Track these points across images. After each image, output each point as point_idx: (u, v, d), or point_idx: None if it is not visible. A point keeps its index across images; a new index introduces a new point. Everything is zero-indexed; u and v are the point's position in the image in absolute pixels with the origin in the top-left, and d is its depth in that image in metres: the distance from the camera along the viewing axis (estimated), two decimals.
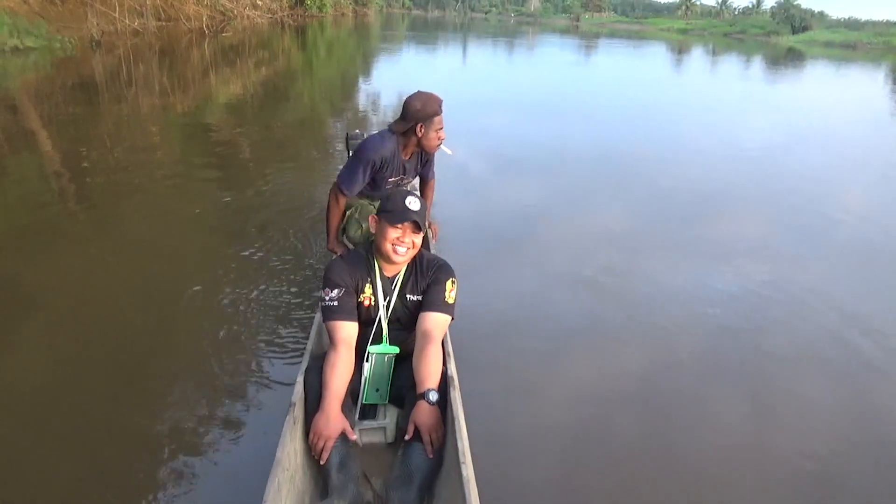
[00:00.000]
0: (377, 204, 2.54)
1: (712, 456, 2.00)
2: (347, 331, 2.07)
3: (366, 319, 2.18)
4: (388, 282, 2.20)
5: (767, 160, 5.61)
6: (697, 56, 26.26)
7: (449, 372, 2.06)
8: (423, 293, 2.19)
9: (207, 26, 19.88)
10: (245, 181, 4.59)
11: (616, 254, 3.18)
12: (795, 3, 76.98)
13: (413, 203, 2.11)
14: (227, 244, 3.46)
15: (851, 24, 70.77)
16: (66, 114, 6.73)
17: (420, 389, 1.95)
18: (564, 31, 55.56)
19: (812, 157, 6.06)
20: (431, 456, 1.89)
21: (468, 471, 1.64)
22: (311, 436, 1.87)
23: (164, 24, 19.05)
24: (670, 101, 9.98)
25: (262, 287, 3.04)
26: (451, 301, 2.17)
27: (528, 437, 2.11)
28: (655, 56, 24.52)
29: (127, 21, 17.03)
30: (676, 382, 2.28)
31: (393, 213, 2.10)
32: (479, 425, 2.04)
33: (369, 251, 2.23)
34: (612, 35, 49.81)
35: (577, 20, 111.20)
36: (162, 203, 4.13)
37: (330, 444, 1.83)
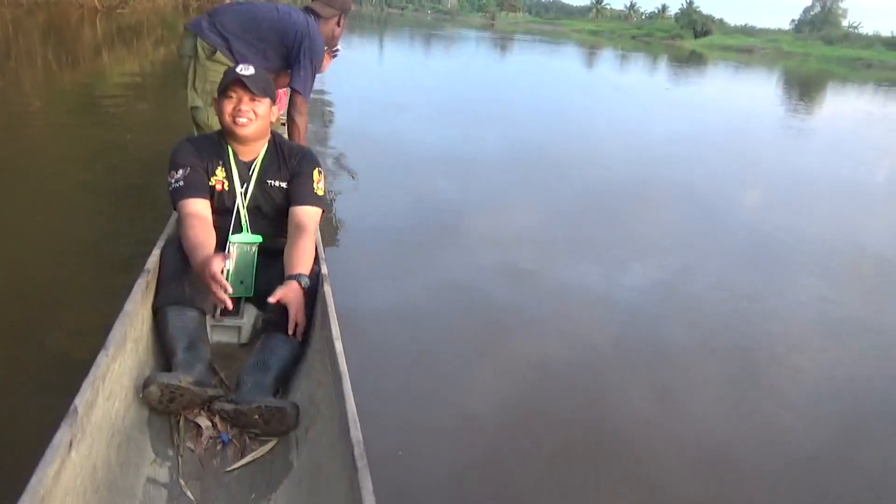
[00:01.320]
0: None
1: (624, 438, 2.05)
2: (196, 206, 1.95)
3: (221, 207, 2.05)
4: (245, 167, 2.08)
5: (676, 158, 5.89)
6: (607, 57, 27.13)
7: (322, 271, 2.02)
8: (289, 183, 2.09)
9: (101, 4, 18.29)
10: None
11: (531, 248, 3.25)
12: (697, 9, 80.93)
13: (245, 69, 1.99)
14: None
15: (748, 31, 75.43)
16: None
17: (291, 273, 1.87)
18: (481, 29, 56.24)
19: (716, 154, 6.42)
20: (294, 336, 1.82)
21: (342, 363, 1.53)
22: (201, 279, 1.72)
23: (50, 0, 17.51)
24: (584, 100, 10.40)
25: None
26: (320, 193, 2.12)
27: (449, 427, 2.03)
28: (568, 56, 25.14)
29: None
30: (590, 368, 2.35)
31: (223, 82, 2.01)
32: (398, 414, 2.03)
33: (221, 135, 2.11)
34: (528, 33, 50.81)
35: (493, 19, 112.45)
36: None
37: (218, 289, 1.67)
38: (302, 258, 1.93)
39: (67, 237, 2.97)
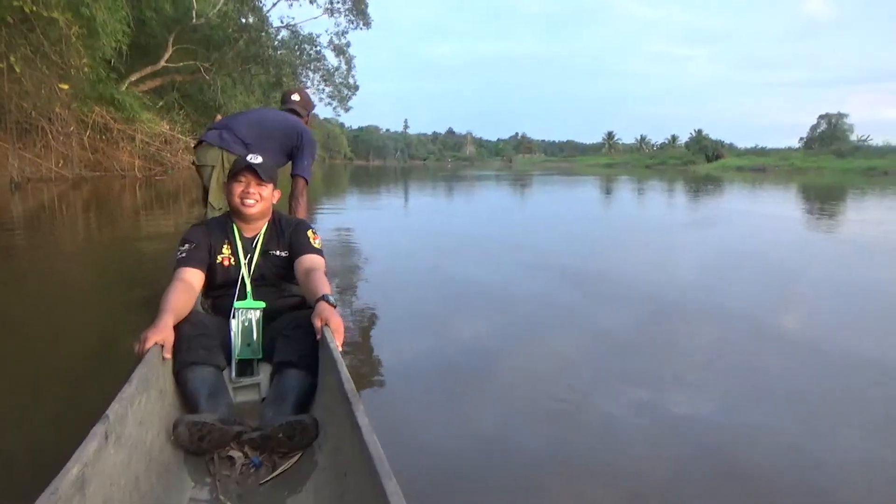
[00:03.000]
0: None
1: None
2: (188, 274, 2.28)
3: (228, 279, 2.39)
4: (249, 241, 2.45)
5: (710, 282, 5.70)
6: (625, 184, 27.93)
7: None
8: (289, 247, 2.46)
9: (142, 173, 20.27)
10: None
11: (573, 384, 3.05)
12: (706, 135, 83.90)
13: (254, 158, 2.43)
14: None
15: (759, 152, 77.60)
16: None
17: (315, 296, 2.14)
18: (499, 170, 58.29)
19: (760, 272, 6.23)
20: (320, 333, 2.00)
21: (347, 380, 1.66)
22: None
23: (95, 173, 19.28)
24: (609, 228, 10.53)
25: None
26: (318, 246, 2.47)
27: None
28: (586, 186, 25.82)
29: (53, 167, 17.16)
30: None
31: (233, 168, 2.46)
32: None
33: (228, 217, 2.52)
34: (544, 171, 52.54)
35: (510, 161, 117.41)
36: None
37: (147, 343, 1.83)
38: (321, 285, 2.20)
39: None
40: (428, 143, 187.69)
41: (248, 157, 2.44)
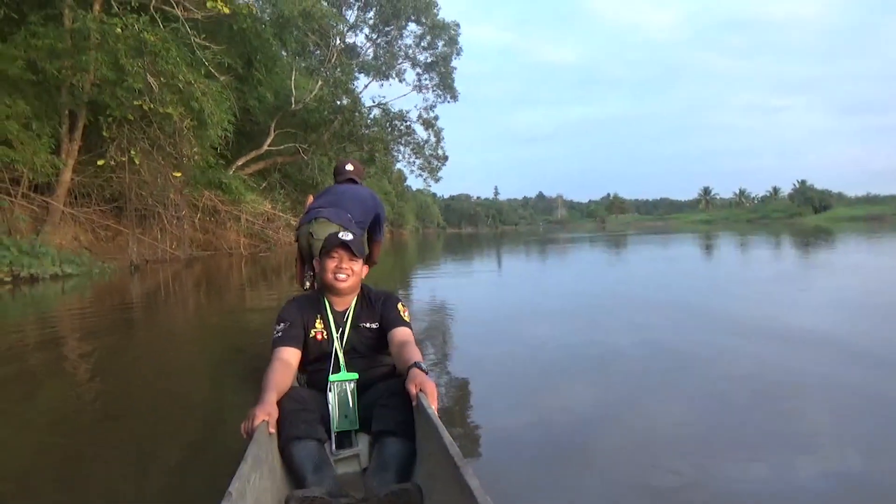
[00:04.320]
0: None
1: None
2: (286, 353, 2.38)
3: (321, 353, 2.49)
4: (340, 315, 2.54)
5: (830, 343, 5.11)
6: (732, 241, 26.78)
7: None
8: (381, 319, 2.54)
9: (247, 251, 21.45)
10: None
11: (682, 457, 2.84)
12: (811, 185, 80.00)
13: (345, 235, 2.55)
14: None
15: (872, 200, 72.62)
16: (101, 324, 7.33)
17: (407, 364, 2.20)
18: (592, 231, 57.35)
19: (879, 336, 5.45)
20: (416, 400, 2.05)
21: (450, 442, 1.68)
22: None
23: (206, 252, 20.67)
24: (716, 291, 9.79)
25: None
26: (407, 319, 2.55)
27: None
28: (687, 245, 24.85)
29: (168, 248, 18.46)
30: None
31: (326, 245, 2.55)
32: None
33: (321, 292, 2.61)
34: (640, 231, 51.18)
35: (604, 222, 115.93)
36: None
37: (255, 421, 1.92)
38: (413, 355, 2.28)
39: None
40: (518, 207, 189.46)
41: (340, 235, 2.57)
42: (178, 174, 17.25)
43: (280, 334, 2.44)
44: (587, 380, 4.28)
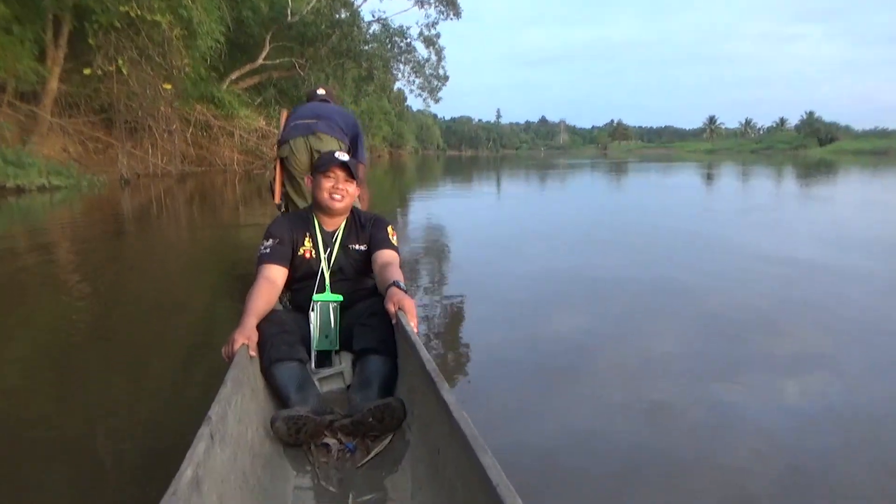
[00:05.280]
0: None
1: None
2: (272, 271, 2.34)
3: (308, 271, 2.46)
4: (329, 235, 2.50)
5: (820, 272, 5.22)
6: (727, 170, 26.51)
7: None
8: (368, 242, 2.51)
9: (242, 169, 21.10)
10: None
11: (673, 379, 2.89)
12: (819, 117, 78.66)
13: (342, 156, 2.48)
14: None
15: (880, 134, 71.43)
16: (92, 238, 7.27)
17: (387, 284, 2.20)
18: (593, 158, 57.03)
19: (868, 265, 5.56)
20: (395, 318, 2.07)
21: (428, 360, 1.71)
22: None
23: (199, 168, 20.29)
24: (711, 222, 9.76)
25: None
26: (395, 242, 2.51)
27: None
28: (685, 174, 24.66)
29: (160, 163, 18.17)
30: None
31: (322, 164, 2.48)
32: None
33: (310, 210, 2.56)
34: (642, 159, 50.83)
35: (605, 148, 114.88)
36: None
37: (235, 346, 1.91)
38: (394, 274, 2.26)
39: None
40: (520, 132, 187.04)
41: (337, 154, 2.49)
42: (169, 86, 16.70)
43: (268, 251, 2.40)
44: (581, 305, 4.28)
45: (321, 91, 4.51)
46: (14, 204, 10.95)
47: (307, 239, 2.48)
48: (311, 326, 2.32)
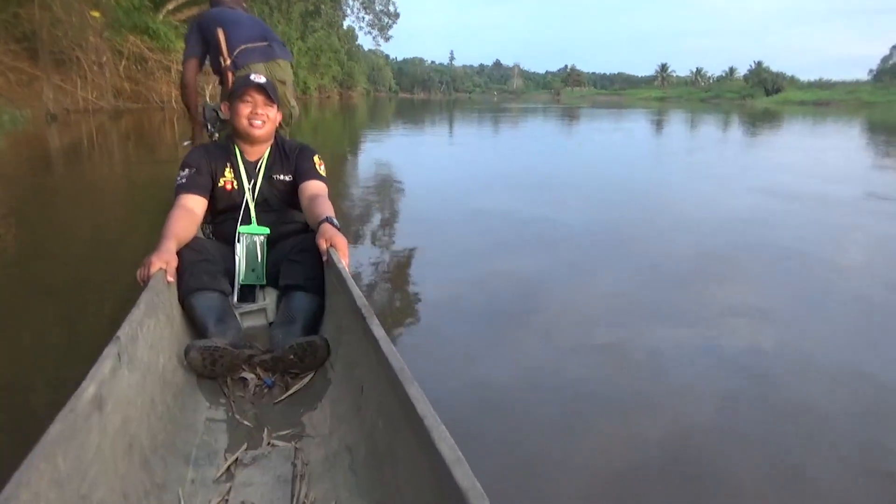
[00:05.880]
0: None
1: None
2: (189, 201, 2.22)
3: (231, 203, 2.34)
4: (252, 165, 2.38)
5: (760, 221, 5.28)
6: (678, 120, 26.78)
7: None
8: (294, 172, 2.39)
9: (180, 106, 20.15)
10: None
11: (618, 319, 2.96)
12: (767, 67, 79.87)
13: (258, 78, 2.32)
14: None
15: (823, 85, 73.15)
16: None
17: (318, 219, 2.09)
18: (546, 103, 56.99)
19: (804, 216, 5.66)
20: (326, 255, 1.98)
21: (359, 297, 1.63)
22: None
23: (136, 105, 19.20)
24: (656, 168, 9.90)
25: None
26: (323, 172, 2.42)
27: None
28: (635, 121, 24.86)
29: (90, 98, 17.04)
30: (697, 448, 1.94)
31: (238, 88, 2.33)
32: None
33: (230, 139, 2.43)
34: (594, 105, 50.95)
35: (559, 94, 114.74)
36: None
37: (151, 268, 1.83)
38: (324, 209, 2.15)
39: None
40: (474, 75, 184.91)
41: (253, 77, 2.33)
42: (97, 14, 15.57)
43: (184, 181, 2.27)
44: (531, 251, 4.27)
45: None
46: None
47: (227, 169, 2.35)
48: (237, 258, 2.23)
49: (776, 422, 2.06)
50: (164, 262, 1.86)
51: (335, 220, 2.08)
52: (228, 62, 3.59)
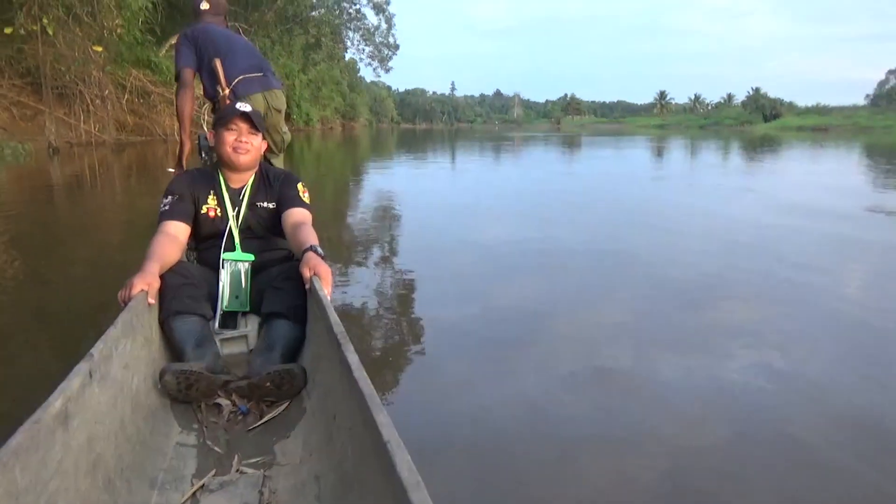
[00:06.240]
0: None
1: None
2: (173, 227, 2.22)
3: (215, 231, 2.33)
4: (236, 193, 2.38)
5: (761, 248, 5.15)
6: (677, 147, 26.86)
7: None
8: (278, 200, 2.37)
9: None
10: None
11: (621, 349, 2.89)
12: (764, 94, 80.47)
13: (244, 106, 2.33)
14: None
15: (821, 111, 73.45)
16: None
17: (303, 247, 2.05)
18: (547, 132, 57.33)
19: (805, 243, 5.46)
20: (309, 283, 1.95)
21: (338, 326, 1.57)
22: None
23: (139, 137, 19.32)
24: (657, 195, 9.76)
25: None
26: (307, 200, 2.39)
27: None
28: (636, 148, 24.97)
29: (92, 131, 17.15)
30: (704, 482, 1.86)
31: (224, 116, 2.35)
32: None
33: (215, 168, 2.42)
34: (595, 133, 51.21)
35: (559, 123, 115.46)
36: None
37: (133, 290, 1.82)
38: (308, 237, 2.12)
39: None
40: (475, 105, 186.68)
41: (238, 105, 2.35)
42: (100, 48, 15.72)
43: (167, 207, 2.27)
44: (533, 277, 4.25)
45: (204, 5, 3.74)
46: None
47: (211, 196, 2.34)
48: (221, 285, 2.21)
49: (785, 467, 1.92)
50: (147, 283, 1.86)
51: (319, 249, 2.06)
52: (227, 91, 3.55)
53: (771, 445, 2.04)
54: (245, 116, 2.30)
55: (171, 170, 3.46)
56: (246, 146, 2.31)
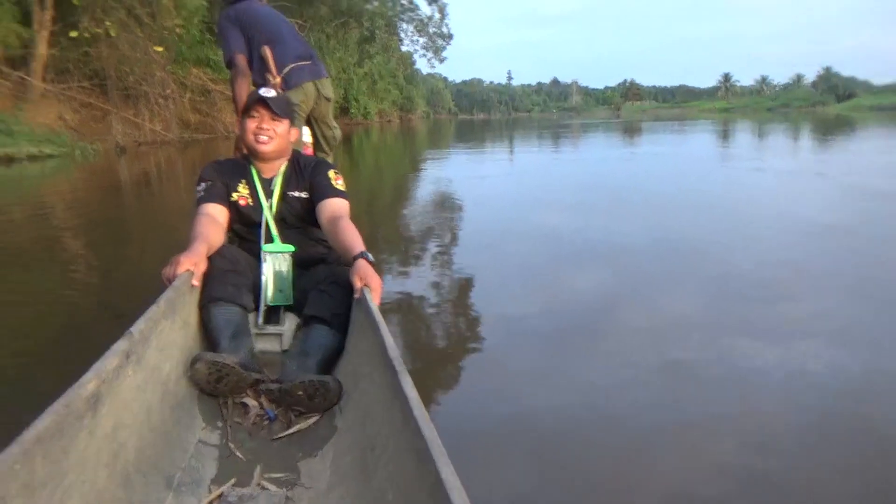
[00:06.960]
0: None
1: None
2: (212, 209, 2.17)
3: (248, 221, 2.26)
4: (267, 183, 2.28)
5: (840, 237, 4.87)
6: (734, 128, 25.78)
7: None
8: (310, 189, 2.26)
9: None
10: None
11: (693, 339, 2.79)
12: (836, 73, 76.70)
13: (267, 92, 2.24)
14: None
15: None
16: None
17: (353, 253, 1.94)
18: (606, 119, 56.24)
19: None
20: (359, 293, 1.83)
21: (387, 336, 1.47)
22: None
23: (203, 135, 19.72)
24: (727, 183, 9.16)
25: None
26: (340, 188, 2.26)
27: None
28: (693, 135, 23.99)
29: (158, 129, 17.56)
30: (783, 474, 1.76)
31: (247, 104, 2.26)
32: None
33: (246, 157, 2.35)
34: (656, 119, 49.86)
35: (619, 109, 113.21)
36: None
37: (179, 268, 1.78)
38: (354, 239, 2.01)
39: None
40: (532, 94, 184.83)
41: (262, 91, 2.26)
42: (161, 49, 16.12)
43: (203, 193, 2.22)
44: (596, 270, 4.15)
45: None
46: (2, 174, 10.58)
47: (241, 185, 2.27)
48: (264, 278, 2.12)
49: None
50: (193, 263, 1.83)
51: (370, 256, 1.95)
52: (278, 80, 3.43)
53: (853, 437, 1.96)
54: (265, 102, 2.20)
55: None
56: (268, 133, 2.21)
